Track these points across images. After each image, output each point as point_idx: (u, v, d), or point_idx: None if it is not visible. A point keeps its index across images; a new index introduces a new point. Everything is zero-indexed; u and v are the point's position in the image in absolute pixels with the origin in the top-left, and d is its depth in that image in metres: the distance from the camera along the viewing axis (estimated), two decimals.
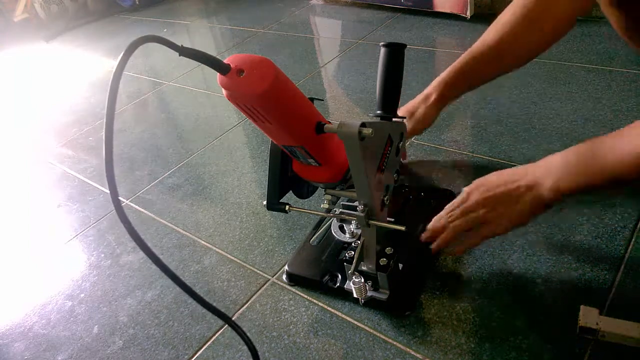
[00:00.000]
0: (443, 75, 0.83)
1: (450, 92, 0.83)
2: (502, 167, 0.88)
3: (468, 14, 1.43)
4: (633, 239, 0.70)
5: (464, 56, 0.80)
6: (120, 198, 1.07)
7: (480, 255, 0.73)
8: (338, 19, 1.74)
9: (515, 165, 0.87)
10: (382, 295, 0.67)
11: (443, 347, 0.62)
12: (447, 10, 1.49)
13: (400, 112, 0.85)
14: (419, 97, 0.85)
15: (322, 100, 0.95)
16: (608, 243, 0.70)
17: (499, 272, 0.70)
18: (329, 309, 0.71)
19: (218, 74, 0.49)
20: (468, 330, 0.63)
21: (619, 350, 0.57)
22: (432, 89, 0.84)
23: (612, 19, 0.54)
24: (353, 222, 0.77)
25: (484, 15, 1.43)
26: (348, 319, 0.69)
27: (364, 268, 0.67)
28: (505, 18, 0.76)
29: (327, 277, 0.73)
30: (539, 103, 1.02)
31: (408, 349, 0.63)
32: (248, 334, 0.69)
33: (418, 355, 0.62)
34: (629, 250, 0.69)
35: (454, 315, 0.66)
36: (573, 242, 0.71)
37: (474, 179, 0.67)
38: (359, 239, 0.66)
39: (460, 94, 0.86)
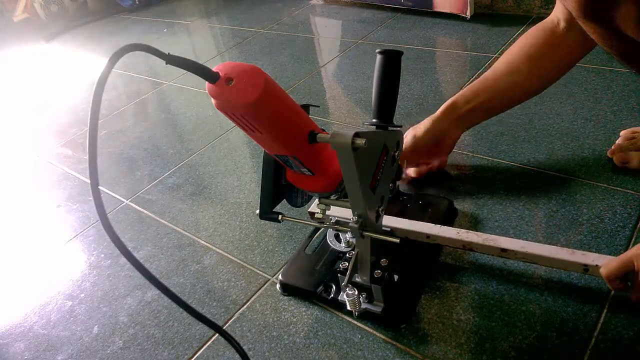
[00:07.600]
0: (469, 88, 0.80)
1: (472, 103, 0.81)
2: (502, 166, 0.88)
3: (468, 14, 1.43)
4: (633, 239, 0.70)
5: (487, 73, 0.80)
6: (120, 198, 1.08)
7: (480, 255, 0.73)
8: (338, 19, 1.74)
9: (515, 165, 0.88)
10: (377, 308, 0.66)
11: (443, 347, 0.62)
12: (447, 10, 1.49)
13: (424, 137, 0.82)
14: (437, 114, 0.82)
15: (318, 106, 0.94)
16: (608, 243, 0.70)
17: (499, 272, 0.70)
18: (329, 309, 0.71)
19: (206, 82, 0.47)
20: (468, 330, 0.63)
21: (619, 350, 0.57)
22: (458, 97, 0.81)
23: (592, 33, 0.54)
24: None
25: (484, 15, 1.43)
26: (348, 319, 0.69)
27: (358, 280, 0.65)
28: (524, 41, 0.79)
29: (321, 288, 0.71)
30: (539, 103, 1.02)
31: (408, 349, 0.63)
32: (248, 334, 0.70)
33: (418, 355, 0.62)
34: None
35: (454, 315, 0.66)
36: (573, 243, 0.71)
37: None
38: (354, 248, 0.65)
39: (481, 119, 0.85)
